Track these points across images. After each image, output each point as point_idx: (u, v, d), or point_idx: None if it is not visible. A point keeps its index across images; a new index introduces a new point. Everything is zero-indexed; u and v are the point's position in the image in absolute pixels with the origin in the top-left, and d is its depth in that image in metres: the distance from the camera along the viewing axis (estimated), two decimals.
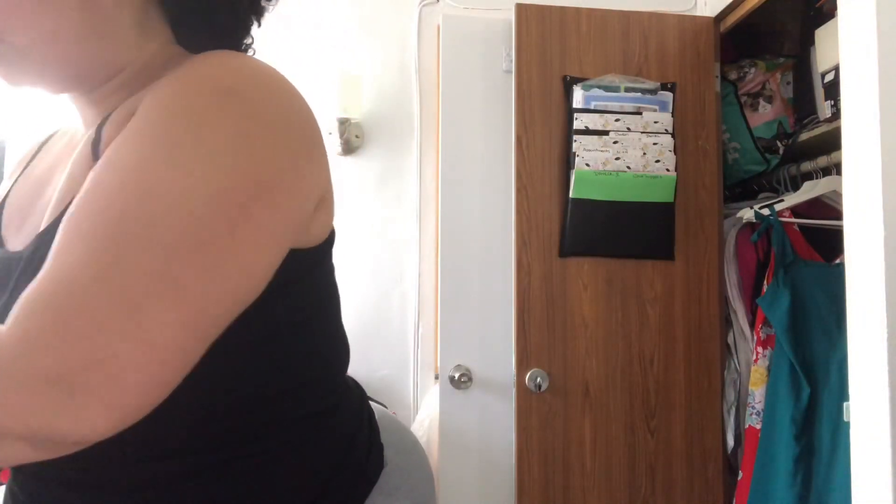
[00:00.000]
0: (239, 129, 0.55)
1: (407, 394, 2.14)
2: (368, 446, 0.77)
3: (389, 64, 2.22)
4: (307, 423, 0.68)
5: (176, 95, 0.56)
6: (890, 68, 1.28)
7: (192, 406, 0.57)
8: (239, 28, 0.76)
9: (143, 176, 0.51)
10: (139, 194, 0.50)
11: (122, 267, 0.48)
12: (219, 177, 0.52)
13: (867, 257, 1.29)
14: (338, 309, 0.80)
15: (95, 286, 0.47)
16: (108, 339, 0.46)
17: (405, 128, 2.21)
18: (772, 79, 2.06)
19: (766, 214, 1.77)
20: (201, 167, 0.52)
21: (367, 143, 2.21)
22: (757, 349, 1.74)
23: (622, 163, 1.84)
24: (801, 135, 1.95)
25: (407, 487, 0.78)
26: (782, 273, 1.70)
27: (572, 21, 1.92)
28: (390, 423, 0.85)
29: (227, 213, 0.52)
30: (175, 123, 0.54)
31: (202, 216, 0.51)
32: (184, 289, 0.49)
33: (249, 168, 0.54)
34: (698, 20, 2.01)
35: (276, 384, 0.65)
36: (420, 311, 2.17)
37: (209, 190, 0.51)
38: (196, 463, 0.61)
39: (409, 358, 2.16)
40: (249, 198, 0.53)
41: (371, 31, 2.22)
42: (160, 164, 0.52)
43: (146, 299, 0.48)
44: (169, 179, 0.51)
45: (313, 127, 0.62)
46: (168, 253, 0.49)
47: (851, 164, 1.35)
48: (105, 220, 0.50)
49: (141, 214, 0.50)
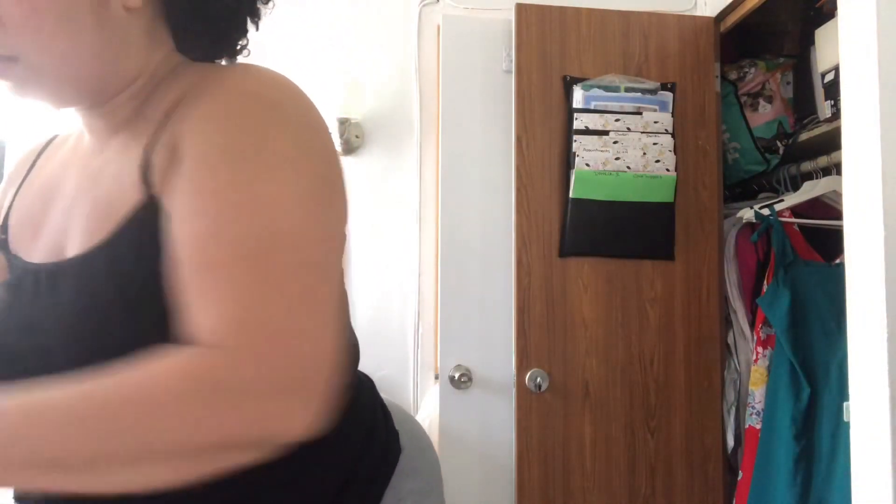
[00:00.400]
0: (298, 137, 0.63)
1: (407, 394, 2.14)
2: (386, 433, 0.83)
3: (389, 64, 2.22)
4: (337, 413, 0.70)
5: (235, 117, 0.61)
6: (890, 68, 1.28)
7: None
8: (239, 33, 0.79)
9: (259, 203, 0.57)
10: (267, 220, 0.57)
11: (298, 284, 0.56)
12: (303, 182, 0.60)
13: (867, 257, 1.29)
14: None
15: (286, 303, 0.55)
16: (315, 348, 0.55)
17: (405, 128, 2.21)
18: (772, 79, 2.06)
19: (766, 214, 1.77)
20: (285, 175, 0.59)
21: (367, 143, 2.21)
22: (757, 349, 1.74)
23: (622, 163, 1.84)
24: (801, 135, 1.95)
25: (421, 469, 0.88)
26: (782, 273, 1.70)
27: (572, 21, 1.92)
28: (398, 411, 0.91)
29: (318, 215, 0.60)
30: (247, 145, 0.59)
31: (309, 223, 0.59)
32: (331, 289, 0.60)
33: (318, 168, 0.63)
34: (698, 20, 2.01)
35: None
36: (420, 311, 2.17)
37: (303, 196, 0.59)
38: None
39: (409, 358, 2.16)
40: (327, 194, 0.62)
41: (371, 31, 2.22)
42: (261, 186, 0.58)
43: (324, 306, 0.57)
44: (276, 199, 0.58)
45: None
46: (314, 266, 0.58)
47: (851, 164, 1.35)
48: (253, 248, 0.56)
49: (278, 237, 0.57)
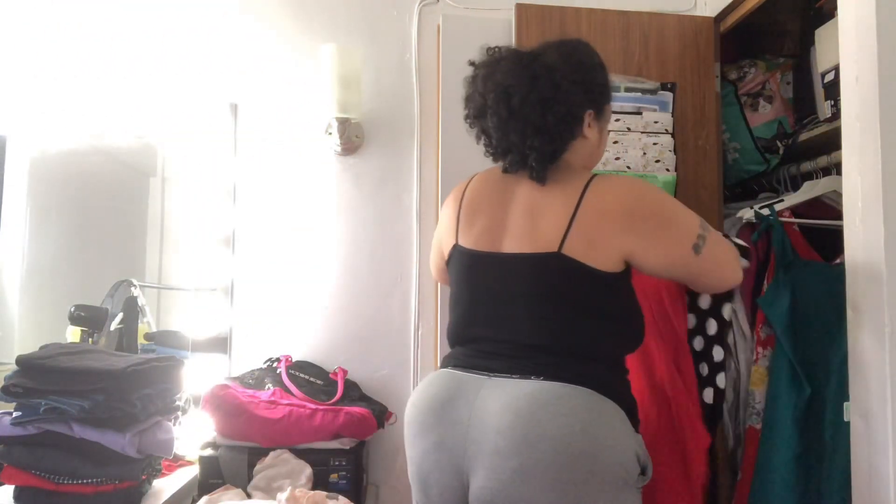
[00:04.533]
0: (669, 200, 1.30)
1: (407, 394, 2.14)
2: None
3: (389, 64, 2.22)
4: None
5: (649, 190, 1.28)
6: (890, 68, 1.28)
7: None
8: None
9: (691, 241, 1.26)
10: (686, 232, 1.27)
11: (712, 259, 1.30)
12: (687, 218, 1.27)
13: (867, 257, 1.29)
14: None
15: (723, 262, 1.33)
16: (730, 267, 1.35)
17: (405, 128, 2.21)
18: (772, 79, 2.06)
19: (766, 214, 1.77)
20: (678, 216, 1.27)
21: (367, 143, 2.21)
22: (757, 349, 1.74)
23: (622, 162, 1.84)
24: (801, 135, 1.95)
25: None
26: (782, 273, 1.70)
27: (572, 21, 1.92)
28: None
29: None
30: (657, 202, 1.26)
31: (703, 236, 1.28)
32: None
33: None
34: (698, 20, 2.01)
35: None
36: (420, 311, 2.17)
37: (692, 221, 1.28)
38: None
39: (409, 358, 2.16)
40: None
41: (371, 30, 2.22)
42: (691, 228, 1.27)
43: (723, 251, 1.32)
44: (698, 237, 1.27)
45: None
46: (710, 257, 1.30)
47: (851, 164, 1.35)
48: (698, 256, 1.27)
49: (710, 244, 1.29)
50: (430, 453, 1.21)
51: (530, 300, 1.21)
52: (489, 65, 1.27)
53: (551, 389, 1.13)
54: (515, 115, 1.21)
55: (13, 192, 2.20)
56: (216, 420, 1.78)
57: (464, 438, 1.15)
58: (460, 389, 1.20)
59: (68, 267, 2.27)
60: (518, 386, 1.14)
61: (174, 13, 2.21)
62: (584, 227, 1.19)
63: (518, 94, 1.20)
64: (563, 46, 1.29)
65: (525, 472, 1.08)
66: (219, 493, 1.64)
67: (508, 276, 1.23)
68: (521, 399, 1.12)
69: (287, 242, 2.18)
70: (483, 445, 1.12)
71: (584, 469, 1.08)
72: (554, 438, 1.08)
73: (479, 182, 1.35)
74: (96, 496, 1.54)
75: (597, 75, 1.30)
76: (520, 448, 1.09)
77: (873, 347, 1.28)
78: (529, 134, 1.21)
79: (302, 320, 2.16)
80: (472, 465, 1.13)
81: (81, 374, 1.55)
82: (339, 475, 1.76)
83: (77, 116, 2.16)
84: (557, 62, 1.24)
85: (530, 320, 1.20)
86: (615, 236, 1.20)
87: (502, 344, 1.21)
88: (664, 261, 1.25)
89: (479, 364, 1.21)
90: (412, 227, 2.18)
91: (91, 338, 2.15)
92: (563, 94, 1.21)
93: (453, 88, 1.93)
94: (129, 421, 1.57)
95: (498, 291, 1.24)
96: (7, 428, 1.53)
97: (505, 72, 1.23)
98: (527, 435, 1.09)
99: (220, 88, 2.20)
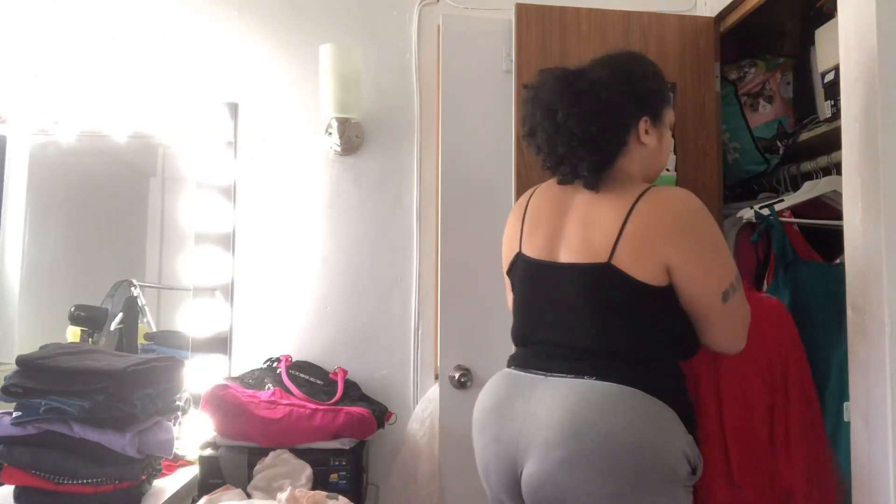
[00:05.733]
0: (718, 232, 1.32)
1: (407, 394, 2.14)
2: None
3: (389, 64, 2.22)
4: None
5: (701, 210, 1.29)
6: (890, 68, 1.27)
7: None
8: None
9: (719, 261, 1.29)
10: (724, 272, 1.29)
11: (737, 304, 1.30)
12: (729, 262, 1.31)
13: (867, 257, 1.29)
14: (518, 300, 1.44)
15: (740, 324, 1.34)
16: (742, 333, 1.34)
17: (405, 128, 2.21)
18: (772, 79, 2.06)
19: (765, 214, 1.77)
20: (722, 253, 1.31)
21: (367, 143, 2.21)
22: None
23: None
24: (801, 135, 1.95)
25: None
26: (782, 273, 1.70)
27: (572, 21, 1.92)
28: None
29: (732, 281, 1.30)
30: (706, 226, 1.29)
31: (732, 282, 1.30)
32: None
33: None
34: (698, 20, 2.00)
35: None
36: (420, 311, 2.17)
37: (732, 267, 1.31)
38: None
39: (409, 358, 2.16)
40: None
41: (371, 30, 2.22)
42: (716, 253, 1.30)
43: (744, 315, 1.33)
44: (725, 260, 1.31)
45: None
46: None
47: (851, 164, 1.35)
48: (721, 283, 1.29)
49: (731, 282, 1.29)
50: (489, 446, 1.30)
51: (584, 307, 1.28)
52: (537, 86, 1.36)
53: (601, 388, 1.20)
54: (561, 129, 1.29)
55: (13, 192, 2.20)
56: (216, 420, 1.78)
57: (518, 433, 1.24)
58: (517, 388, 1.30)
59: (68, 267, 2.27)
60: (570, 385, 1.22)
61: (174, 13, 2.21)
62: (632, 239, 1.24)
63: (562, 110, 1.28)
64: (611, 59, 1.38)
65: (570, 462, 1.16)
66: (219, 493, 1.64)
67: (563, 284, 1.31)
68: (572, 396, 1.20)
69: (287, 242, 2.18)
70: (534, 438, 1.21)
71: (627, 463, 1.16)
72: (600, 433, 1.16)
73: (541, 193, 1.43)
74: (96, 496, 1.54)
75: (649, 83, 1.38)
76: (567, 440, 1.17)
77: (873, 347, 1.28)
78: (575, 145, 1.28)
79: (302, 320, 2.16)
80: (524, 456, 1.22)
81: (81, 374, 1.55)
82: (339, 475, 1.76)
83: (77, 116, 2.16)
84: (603, 76, 1.32)
85: (584, 326, 1.28)
86: (658, 246, 1.24)
87: (560, 347, 1.30)
88: (694, 287, 1.26)
89: (537, 364, 1.30)
90: (412, 227, 2.18)
91: (91, 338, 2.15)
92: (605, 105, 1.28)
93: (453, 88, 1.95)
94: (129, 421, 1.57)
95: (555, 298, 1.33)
96: (7, 428, 1.53)
97: (550, 90, 1.32)
98: (575, 429, 1.17)
99: (220, 88, 2.20)
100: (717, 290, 1.26)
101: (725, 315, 1.28)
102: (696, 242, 1.26)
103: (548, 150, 1.33)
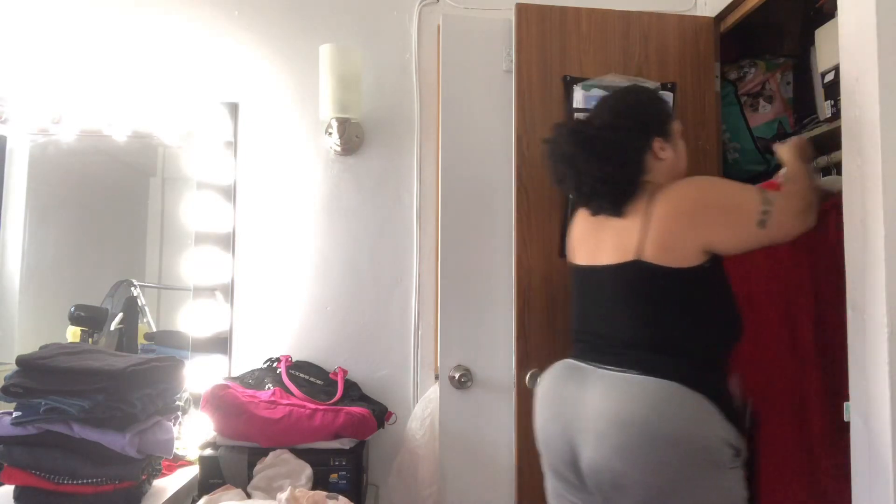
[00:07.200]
0: (723, 185, 1.53)
1: (407, 393, 2.14)
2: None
3: (389, 64, 2.22)
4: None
5: (707, 184, 1.50)
6: (890, 68, 1.27)
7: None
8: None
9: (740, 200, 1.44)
10: (747, 214, 1.41)
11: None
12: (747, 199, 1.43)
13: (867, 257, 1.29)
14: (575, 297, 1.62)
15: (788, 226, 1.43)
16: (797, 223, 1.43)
17: (405, 128, 2.21)
18: (772, 79, 2.06)
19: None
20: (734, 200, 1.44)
21: (367, 143, 2.21)
22: None
23: None
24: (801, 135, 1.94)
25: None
26: None
27: (572, 21, 1.92)
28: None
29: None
30: (713, 191, 1.47)
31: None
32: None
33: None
34: (698, 20, 2.00)
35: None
36: (420, 311, 2.17)
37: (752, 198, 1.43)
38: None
39: (409, 358, 2.16)
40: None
41: (371, 30, 2.22)
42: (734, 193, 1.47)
43: (789, 215, 1.43)
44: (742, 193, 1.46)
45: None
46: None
47: (851, 164, 1.35)
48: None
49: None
50: (548, 424, 1.48)
51: (623, 303, 1.45)
52: (555, 140, 1.54)
53: (642, 383, 1.34)
54: (582, 174, 1.48)
55: (13, 192, 2.20)
56: (216, 420, 1.78)
57: (572, 417, 1.40)
58: (573, 376, 1.46)
59: (68, 267, 2.27)
60: (617, 378, 1.37)
61: (174, 13, 2.21)
62: (656, 233, 1.39)
63: (580, 158, 1.47)
64: (609, 100, 1.57)
65: (622, 451, 1.30)
66: (219, 493, 1.64)
67: (603, 284, 1.49)
68: (617, 390, 1.35)
69: (287, 242, 2.18)
70: (586, 425, 1.36)
71: (669, 452, 1.28)
72: (642, 424, 1.30)
73: (583, 212, 1.61)
74: (96, 496, 1.55)
75: (649, 109, 1.54)
76: (616, 431, 1.31)
77: (873, 347, 1.28)
78: (598, 186, 1.47)
79: (302, 320, 2.16)
80: (579, 438, 1.38)
81: (81, 374, 1.55)
82: (339, 475, 1.76)
83: (77, 116, 2.16)
84: (606, 118, 1.50)
85: (625, 320, 1.44)
86: (686, 233, 1.39)
87: (607, 340, 1.46)
88: (735, 242, 1.42)
89: (589, 357, 1.47)
90: (412, 227, 2.18)
91: (91, 338, 2.15)
92: (615, 145, 1.46)
93: (453, 88, 1.95)
94: (129, 421, 1.57)
95: (598, 297, 1.51)
96: (7, 428, 1.53)
97: (566, 143, 1.50)
98: (621, 420, 1.31)
99: (220, 88, 2.20)
100: (753, 228, 1.39)
101: (771, 231, 1.40)
102: (715, 212, 1.41)
103: (576, 193, 1.54)
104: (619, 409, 1.32)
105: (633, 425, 1.30)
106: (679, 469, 1.29)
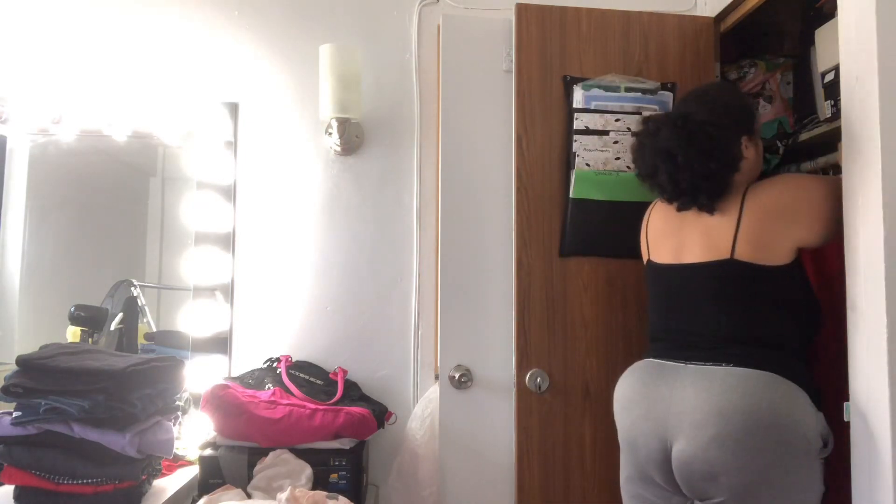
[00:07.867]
0: (808, 182, 1.49)
1: (407, 393, 2.14)
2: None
3: (389, 64, 2.22)
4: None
5: (794, 182, 1.50)
6: (890, 68, 1.27)
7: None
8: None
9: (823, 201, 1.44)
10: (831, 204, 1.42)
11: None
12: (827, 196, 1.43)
13: (867, 257, 1.29)
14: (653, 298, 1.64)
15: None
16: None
17: (405, 128, 2.21)
18: (772, 79, 2.06)
19: None
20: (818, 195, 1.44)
21: (367, 143, 2.21)
22: None
23: (622, 163, 1.84)
24: (801, 135, 1.94)
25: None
26: None
27: (572, 21, 1.92)
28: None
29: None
30: (811, 189, 1.46)
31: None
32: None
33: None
34: (698, 20, 2.01)
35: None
36: (420, 311, 2.17)
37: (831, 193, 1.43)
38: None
39: (409, 358, 2.16)
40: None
41: (371, 30, 2.22)
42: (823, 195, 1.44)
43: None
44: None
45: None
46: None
47: (851, 164, 1.35)
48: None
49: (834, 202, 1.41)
50: (638, 422, 1.48)
51: (714, 300, 1.47)
52: (651, 134, 1.53)
53: (740, 374, 1.37)
54: (681, 169, 1.47)
55: (13, 192, 2.20)
56: (216, 420, 1.78)
57: (665, 412, 1.42)
58: (661, 374, 1.47)
59: (68, 267, 2.27)
60: (712, 371, 1.39)
61: (174, 13, 2.21)
62: (749, 232, 1.43)
63: (681, 153, 1.46)
64: (703, 97, 1.56)
65: (720, 440, 1.32)
66: (219, 493, 1.64)
67: (692, 282, 1.51)
68: (715, 382, 1.37)
69: (287, 242, 2.18)
70: (682, 418, 1.38)
71: (771, 439, 1.31)
72: (744, 412, 1.32)
73: (658, 210, 1.64)
74: (96, 496, 1.55)
75: (741, 105, 1.57)
76: (716, 420, 1.33)
77: (873, 347, 1.28)
78: (698, 181, 1.47)
79: (302, 320, 2.16)
80: (674, 433, 1.39)
81: (81, 374, 1.55)
82: (339, 475, 1.76)
83: (77, 116, 2.16)
84: (706, 115, 1.49)
85: (717, 316, 1.46)
86: (782, 232, 1.42)
87: (695, 337, 1.48)
88: (827, 230, 1.43)
89: (676, 354, 1.48)
90: (412, 227, 2.18)
91: (91, 338, 2.15)
92: (718, 142, 1.46)
93: (453, 88, 1.95)
94: (129, 421, 1.57)
95: (684, 294, 1.53)
96: (7, 428, 1.53)
97: (666, 138, 1.49)
98: (721, 410, 1.33)
99: (220, 88, 2.20)
100: (840, 212, 1.38)
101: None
102: (807, 209, 1.43)
103: (671, 188, 1.52)
104: (719, 400, 1.34)
105: (734, 413, 1.32)
106: (776, 456, 1.31)
